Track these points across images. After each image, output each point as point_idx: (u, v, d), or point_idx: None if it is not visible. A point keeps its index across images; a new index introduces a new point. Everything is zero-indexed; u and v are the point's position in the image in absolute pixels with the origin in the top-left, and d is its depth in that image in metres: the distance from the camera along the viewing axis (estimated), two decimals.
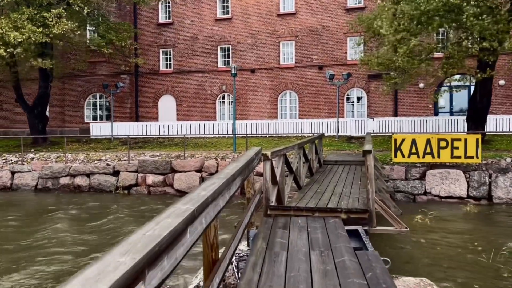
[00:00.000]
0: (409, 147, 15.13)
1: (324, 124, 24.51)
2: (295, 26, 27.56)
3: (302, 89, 27.43)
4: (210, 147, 22.02)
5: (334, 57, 27.01)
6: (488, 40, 14.85)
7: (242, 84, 28.24)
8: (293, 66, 27.61)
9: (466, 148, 14.65)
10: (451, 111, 25.74)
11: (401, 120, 23.77)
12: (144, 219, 13.00)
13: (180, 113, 29.17)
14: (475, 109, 19.09)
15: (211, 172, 16.47)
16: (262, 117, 27.66)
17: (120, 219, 12.95)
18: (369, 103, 26.48)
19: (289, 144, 9.50)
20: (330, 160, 15.68)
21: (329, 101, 26.95)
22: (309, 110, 27.25)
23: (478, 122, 19.19)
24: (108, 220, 13.10)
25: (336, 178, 12.18)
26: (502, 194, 14.09)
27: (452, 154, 14.78)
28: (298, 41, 27.51)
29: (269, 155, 7.14)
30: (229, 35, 28.46)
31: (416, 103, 25.80)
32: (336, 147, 20.61)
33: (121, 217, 13.26)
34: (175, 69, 29.17)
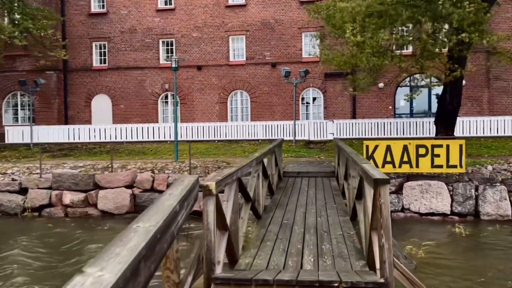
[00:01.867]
0: (383, 155, 12.57)
1: (279, 127, 21.71)
2: (246, 19, 24.62)
3: (254, 89, 24.52)
4: (148, 155, 18.57)
5: (288, 54, 24.33)
6: (467, 31, 12.61)
7: (188, 83, 24.93)
8: (244, 63, 24.65)
9: (449, 156, 12.29)
10: (411, 113, 23.79)
11: (361, 123, 21.42)
12: (50, 259, 9.51)
13: (116, 115, 25.35)
14: (444, 111, 16.94)
15: (145, 188, 13.12)
16: (211, 119, 24.48)
17: (11, 261, 9.33)
18: (325, 104, 24.01)
19: (245, 161, 6.47)
20: (291, 172, 12.81)
21: (283, 101, 24.21)
22: (262, 112, 24.40)
23: (448, 125, 17.06)
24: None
25: (303, 199, 9.27)
26: (491, 209, 11.82)
27: (432, 163, 12.37)
28: (249, 36, 24.59)
29: (213, 187, 4.08)
30: (172, 28, 25.03)
31: (376, 104, 23.62)
32: (295, 154, 17.84)
33: (15, 256, 9.63)
34: (111, 65, 25.32)
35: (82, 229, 11.84)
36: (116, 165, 14.95)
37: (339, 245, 5.92)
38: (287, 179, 12.14)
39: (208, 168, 14.36)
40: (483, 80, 22.93)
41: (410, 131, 21.05)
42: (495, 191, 11.92)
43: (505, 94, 23.00)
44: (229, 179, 4.83)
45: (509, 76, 22.80)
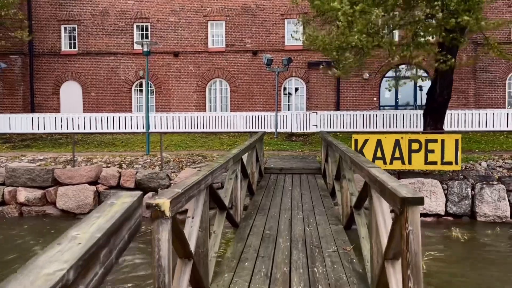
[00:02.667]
0: (374, 150, 11.43)
1: (260, 119, 20.41)
2: (226, 3, 23.12)
3: (234, 77, 23.12)
4: (118, 147, 17.04)
5: (270, 41, 22.97)
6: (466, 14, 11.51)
7: (163, 70, 23.35)
8: (224, 50, 23.20)
9: (443, 152, 11.23)
10: (396, 105, 22.81)
11: (345, 115, 20.29)
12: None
13: (87, 104, 23.62)
14: (434, 103, 15.93)
15: (111, 185, 11.67)
16: (188, 109, 23.01)
17: None
18: (308, 95, 22.81)
19: (218, 162, 5.11)
20: (273, 168, 11.55)
21: (264, 91, 22.91)
22: (242, 102, 23.05)
23: (437, 118, 16.06)
24: None
25: (287, 201, 8.03)
26: (489, 210, 10.83)
27: (426, 159, 11.29)
28: (229, 22, 23.12)
29: (167, 208, 2.78)
30: (147, 11, 23.33)
31: (360, 96, 22.55)
32: (276, 147, 16.59)
33: None
34: (81, 50, 23.51)
35: (38, 234, 10.35)
36: (81, 158, 13.43)
37: (334, 267, 4.70)
38: (269, 176, 10.89)
39: (182, 163, 12.99)
40: (469, 72, 22.09)
41: (396, 123, 20.04)
42: (493, 191, 10.91)
43: (491, 86, 22.19)
44: (194, 190, 3.52)
45: (495, 68, 22.00)
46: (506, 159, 12.89)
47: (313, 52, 22.31)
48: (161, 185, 11.54)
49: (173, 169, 12.48)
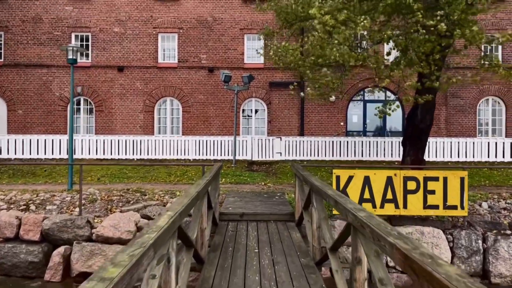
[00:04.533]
0: (360, 190, 8.80)
1: (216, 144, 17.49)
2: (179, 15, 20.30)
3: (187, 96, 20.16)
4: (39, 177, 13.50)
5: (228, 58, 20.28)
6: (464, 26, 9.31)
7: (106, 86, 20.02)
8: (176, 66, 20.24)
9: (446, 193, 8.77)
10: (364, 131, 20.62)
11: (313, 141, 17.78)
12: None
13: (13, 123, 19.76)
14: (415, 129, 13.70)
15: (7, 237, 8.29)
16: (133, 131, 19.72)
17: None
18: (270, 118, 20.20)
19: (142, 246, 2.28)
20: (230, 213, 8.59)
21: (221, 113, 20.05)
22: (196, 124, 20.06)
23: (418, 146, 13.82)
24: None
25: (254, 279, 5.12)
26: (506, 269, 8.41)
27: (425, 202, 8.78)
28: (183, 35, 20.27)
29: None
30: (88, 20, 20.06)
31: (326, 120, 20.19)
32: (235, 179, 13.66)
33: None
34: (8, 61, 19.76)
35: None
36: None
37: None
38: (226, 226, 7.92)
39: (112, 203, 9.78)
40: (441, 97, 20.33)
41: (369, 152, 17.75)
42: (510, 244, 8.52)
43: (462, 113, 20.51)
44: None
45: (466, 94, 20.37)
46: (507, 199, 10.67)
47: (275, 71, 19.86)
48: (78, 236, 8.29)
49: (99, 212, 9.25)
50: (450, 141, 17.46)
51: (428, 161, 16.61)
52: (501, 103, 20.46)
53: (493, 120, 20.62)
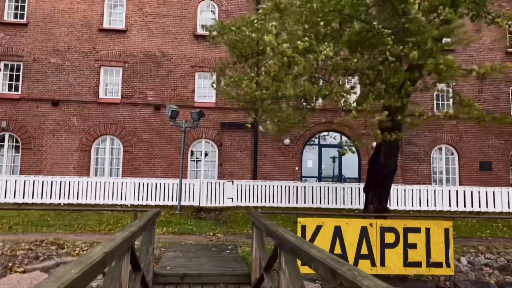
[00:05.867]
0: (330, 242, 7.20)
1: (159, 188, 15.45)
2: (125, 48, 18.63)
3: (130, 135, 18.11)
4: None
5: (177, 95, 18.65)
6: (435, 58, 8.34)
7: (36, 121, 17.59)
8: (119, 102, 18.29)
9: (429, 247, 7.37)
10: (319, 176, 19.37)
11: (268, 185, 16.21)
12: None
13: None
14: (378, 175, 12.54)
15: None
16: (66, 172, 17.21)
17: None
18: (221, 161, 18.49)
19: None
20: (169, 274, 6.60)
21: (167, 154, 18.10)
22: (139, 166, 17.91)
23: (382, 193, 12.63)
24: None
25: None
26: None
27: (406, 258, 7.32)
28: (128, 69, 18.52)
29: None
30: (21, 48, 17.87)
31: (280, 164, 18.78)
32: (179, 228, 11.61)
33: None
34: None
35: None
36: None
37: None
38: None
39: (16, 258, 7.48)
40: None
41: (329, 198, 16.40)
42: None
43: (417, 161, 19.88)
44: None
45: (420, 142, 19.85)
46: (485, 253, 9.47)
47: (227, 111, 18.43)
48: None
49: None
50: (411, 188, 16.53)
51: (395, 210, 15.55)
52: (454, 151, 20.11)
53: (446, 168, 20.16)
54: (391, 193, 16.79)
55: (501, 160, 19.92)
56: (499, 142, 19.97)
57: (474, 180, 19.32)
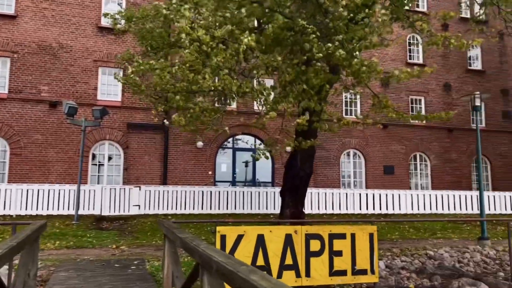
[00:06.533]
0: (252, 253, 6.43)
1: (54, 195, 13.51)
2: (14, 36, 16.20)
3: (19, 136, 15.72)
4: None
5: (78, 92, 16.69)
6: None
7: None
8: (5, 97, 15.78)
9: (355, 254, 6.96)
10: (233, 181, 18.68)
11: (179, 191, 15.05)
12: None
13: None
14: (295, 179, 12.17)
15: None
16: None
17: None
18: (126, 165, 16.90)
19: None
20: None
21: (64, 157, 16.02)
22: (30, 170, 15.59)
23: (298, 197, 12.28)
24: None
25: None
26: None
27: (331, 267, 6.81)
28: (18, 61, 16.11)
29: None
30: None
31: (193, 168, 17.73)
32: (75, 242, 10.00)
33: None
34: None
35: None
36: None
37: None
38: None
39: None
40: None
41: (244, 204, 15.73)
42: None
43: (327, 165, 20.16)
44: None
45: (330, 146, 20.18)
46: (401, 256, 9.45)
47: (134, 111, 16.97)
48: None
49: None
50: (324, 192, 16.54)
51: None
52: (361, 156, 20.76)
53: (354, 172, 20.74)
54: (308, 197, 16.71)
55: (402, 164, 21.02)
56: (400, 147, 21.05)
57: (379, 183, 20.09)
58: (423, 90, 21.66)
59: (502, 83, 22.95)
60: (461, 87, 22.06)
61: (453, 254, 9.68)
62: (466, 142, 21.77)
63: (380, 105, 9.29)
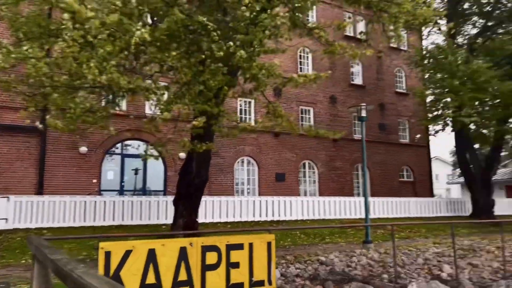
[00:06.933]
0: (142, 272, 5.72)
1: None
2: None
3: None
4: None
5: None
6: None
7: None
8: None
9: (252, 265, 6.65)
10: (121, 189, 17.34)
11: (59, 202, 13.39)
12: None
13: None
14: (190, 186, 11.60)
15: None
16: None
17: None
18: None
19: None
20: None
21: None
22: None
23: (193, 205, 11.72)
24: None
25: None
26: None
27: (228, 280, 6.39)
28: None
29: None
30: None
31: (74, 176, 16.01)
32: None
33: None
34: None
35: None
36: None
37: None
38: None
39: None
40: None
41: (133, 214, 14.58)
42: None
43: (221, 172, 19.91)
44: None
45: (225, 153, 20.01)
46: (294, 263, 9.46)
47: (3, 110, 14.80)
48: None
49: None
50: (219, 200, 16.19)
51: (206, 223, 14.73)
52: (254, 163, 20.93)
53: (248, 179, 20.82)
54: (203, 205, 16.17)
55: (293, 172, 21.70)
56: (291, 155, 21.71)
57: (271, 190, 20.43)
58: (312, 101, 22.69)
59: (379, 98, 25.14)
60: (346, 100, 23.63)
61: (342, 258, 10.01)
62: (350, 151, 23.32)
63: (275, 114, 9.24)
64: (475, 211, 21.53)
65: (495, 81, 17.35)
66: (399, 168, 25.50)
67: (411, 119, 26.08)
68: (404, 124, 26.29)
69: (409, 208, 20.42)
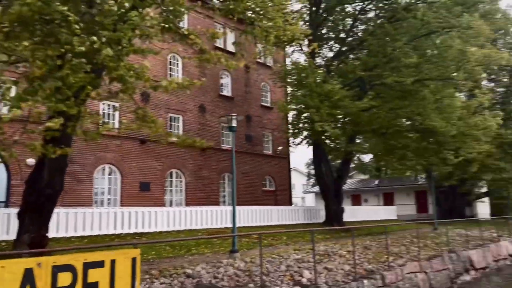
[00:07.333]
0: None
1: None
2: None
3: None
4: None
5: None
6: None
7: None
8: None
9: (114, 284, 5.97)
10: None
11: None
12: None
13: None
14: (40, 197, 10.18)
15: None
16: None
17: None
18: None
19: None
20: None
21: None
22: None
23: (43, 218, 10.31)
24: None
25: None
26: None
27: None
28: None
29: None
30: None
31: None
32: None
33: None
34: None
35: None
36: None
37: None
38: None
39: None
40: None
41: None
42: None
43: (78, 181, 18.14)
44: None
45: (84, 161, 18.33)
46: (159, 278, 8.94)
47: None
48: None
49: None
50: (75, 212, 14.62)
51: None
52: (116, 171, 19.62)
53: (109, 189, 19.39)
54: (54, 218, 14.35)
55: (159, 181, 20.93)
56: (157, 163, 20.94)
57: (134, 200, 19.35)
58: (181, 109, 22.34)
59: (246, 110, 26.00)
60: (214, 110, 23.84)
61: (209, 270, 9.81)
62: (217, 160, 23.51)
63: (144, 119, 8.68)
64: (328, 218, 23.52)
65: (347, 101, 19.33)
66: (263, 178, 26.65)
67: (275, 132, 27.56)
68: (268, 136, 27.62)
69: (272, 216, 21.34)
